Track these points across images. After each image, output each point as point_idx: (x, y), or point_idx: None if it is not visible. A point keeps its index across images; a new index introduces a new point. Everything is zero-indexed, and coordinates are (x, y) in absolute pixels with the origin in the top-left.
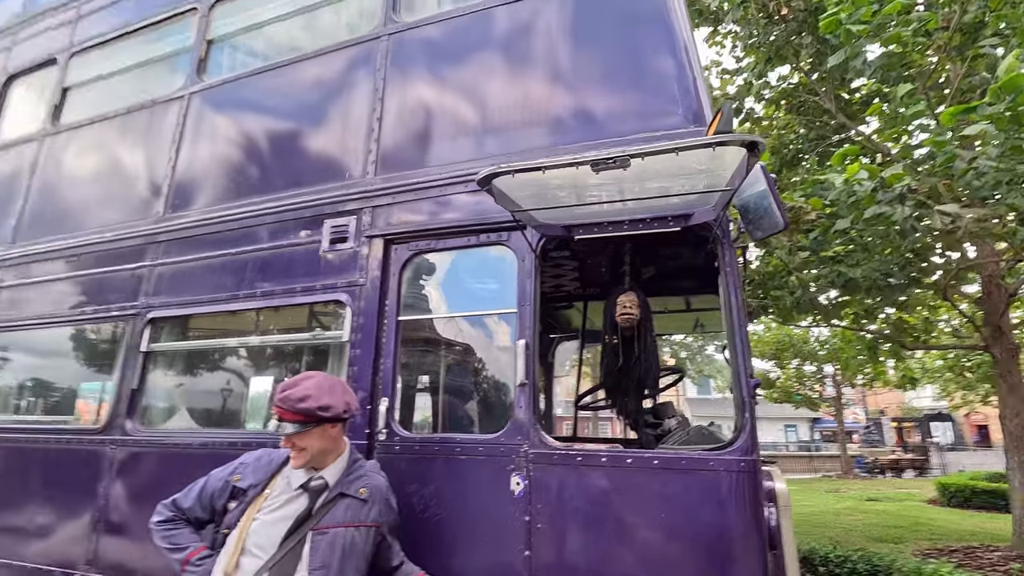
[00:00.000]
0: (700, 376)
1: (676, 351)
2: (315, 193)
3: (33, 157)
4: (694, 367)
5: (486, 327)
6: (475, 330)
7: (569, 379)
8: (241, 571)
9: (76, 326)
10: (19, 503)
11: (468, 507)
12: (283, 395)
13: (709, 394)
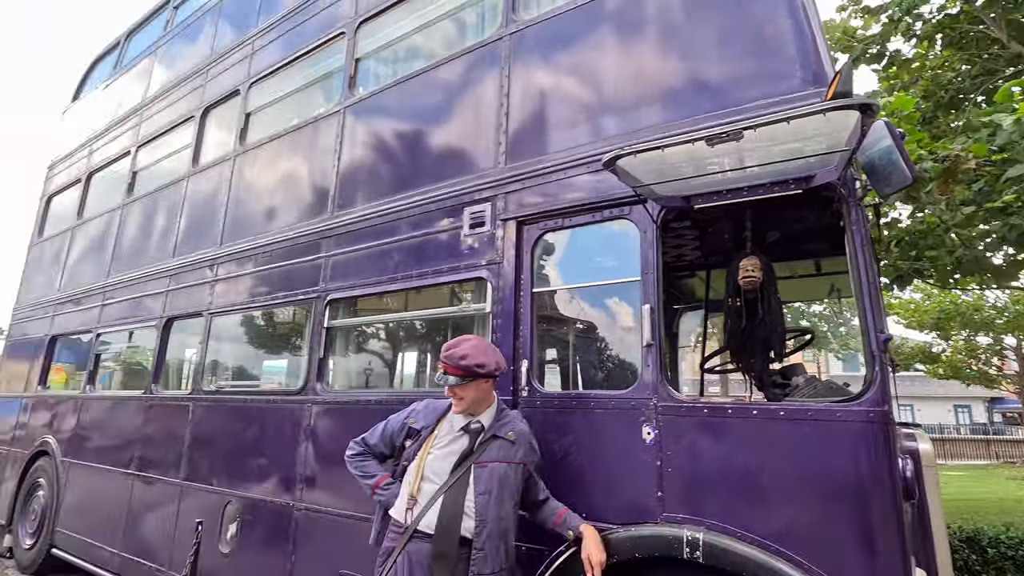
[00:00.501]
0: (844, 349)
1: (815, 323)
2: (455, 184)
3: (228, 174)
4: (838, 341)
5: (612, 295)
6: (601, 298)
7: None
8: (423, 493)
9: (272, 309)
10: (243, 450)
11: (603, 453)
12: (447, 353)
13: (857, 370)
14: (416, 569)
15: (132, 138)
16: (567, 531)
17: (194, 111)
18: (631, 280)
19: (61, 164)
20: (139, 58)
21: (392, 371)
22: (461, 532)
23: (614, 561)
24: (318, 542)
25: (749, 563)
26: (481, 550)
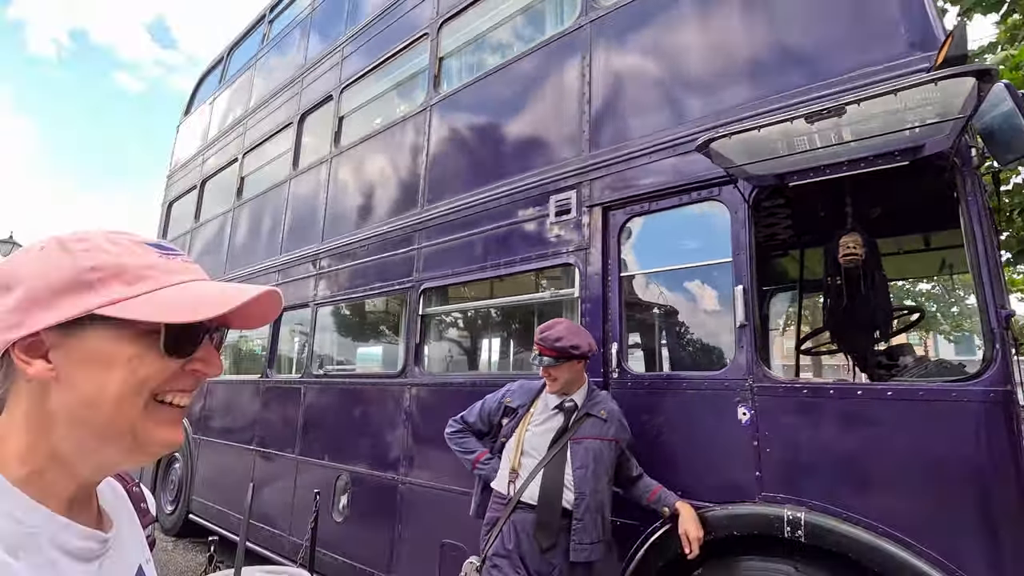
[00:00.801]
0: (956, 330)
1: (922, 302)
2: (539, 174)
3: (325, 175)
4: (949, 322)
5: (700, 277)
6: (689, 280)
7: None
8: (523, 467)
9: (371, 299)
10: (350, 428)
11: (696, 433)
12: (543, 336)
13: (972, 354)
14: (521, 536)
15: (239, 146)
16: (662, 508)
17: (292, 117)
18: (721, 261)
19: (178, 173)
20: (240, 72)
21: (482, 355)
22: (562, 504)
23: (711, 538)
24: (421, 514)
25: (855, 544)
26: (580, 520)
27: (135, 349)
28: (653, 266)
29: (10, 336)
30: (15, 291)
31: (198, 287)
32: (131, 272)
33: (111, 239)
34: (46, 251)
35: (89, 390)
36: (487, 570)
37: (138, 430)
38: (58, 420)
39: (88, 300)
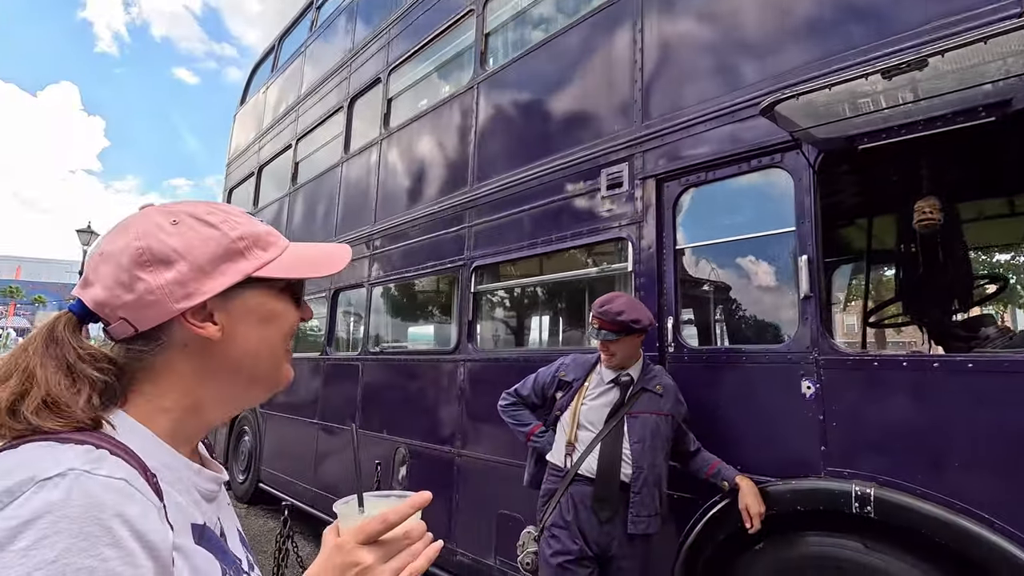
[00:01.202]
0: None
1: (1006, 273)
2: (590, 147)
3: (376, 157)
4: None
5: (760, 248)
6: (748, 252)
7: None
8: (580, 440)
9: (423, 277)
10: (406, 403)
11: (757, 408)
12: (603, 310)
13: None
14: (580, 508)
15: (292, 132)
16: (722, 482)
17: (342, 102)
18: (784, 231)
19: (236, 161)
20: (291, 59)
21: (533, 331)
22: (620, 477)
23: (772, 513)
24: (478, 485)
25: (930, 520)
26: (638, 494)
27: (282, 304)
28: (709, 238)
29: (182, 305)
30: (176, 265)
31: (302, 248)
32: (262, 239)
33: (227, 210)
34: (184, 225)
35: (253, 342)
36: (545, 540)
37: (280, 371)
38: (216, 373)
39: (243, 266)
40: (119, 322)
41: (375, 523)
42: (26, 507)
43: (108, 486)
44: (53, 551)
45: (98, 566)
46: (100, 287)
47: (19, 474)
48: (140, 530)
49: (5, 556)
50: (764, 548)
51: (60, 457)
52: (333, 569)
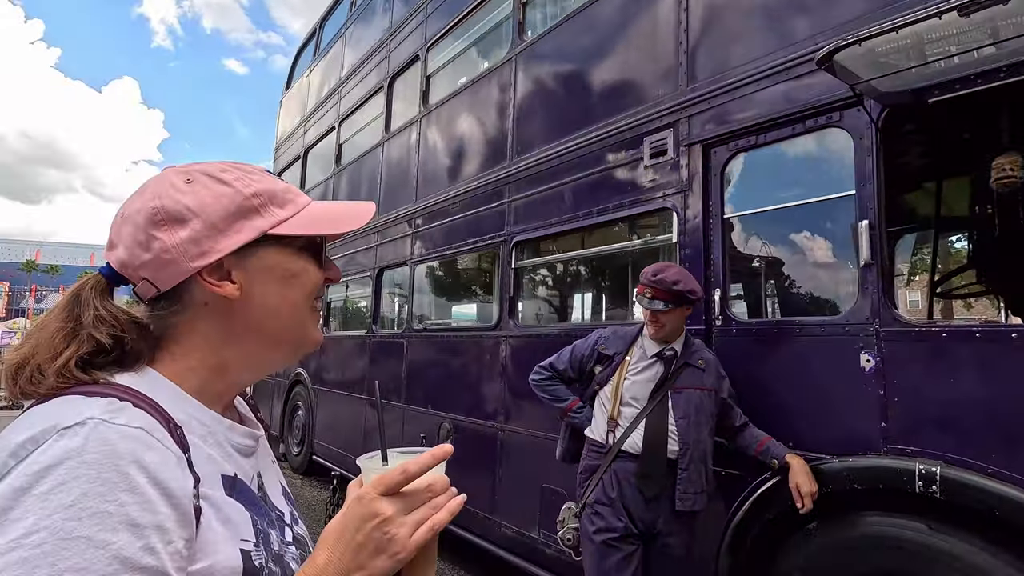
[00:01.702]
0: None
1: None
2: (632, 115)
3: (416, 135)
4: None
5: (817, 214)
6: (804, 219)
7: (909, 293)
8: (623, 416)
9: (464, 254)
10: (450, 379)
11: (810, 382)
12: (658, 278)
13: None
14: (624, 485)
15: (335, 114)
16: (771, 460)
17: (382, 82)
18: (842, 195)
19: (284, 145)
20: (332, 42)
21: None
22: (666, 454)
23: (827, 492)
24: (520, 459)
25: (1003, 501)
26: (685, 470)
27: (302, 263)
28: (760, 205)
29: (198, 264)
30: (190, 223)
31: (323, 206)
32: (279, 196)
33: (244, 168)
34: (198, 184)
35: (273, 301)
36: (588, 516)
37: (304, 331)
38: (238, 333)
39: (258, 223)
40: (142, 282)
41: (395, 474)
42: (47, 454)
43: (125, 434)
44: (71, 496)
45: (115, 511)
46: (122, 248)
47: (42, 423)
48: (158, 477)
49: (27, 500)
50: (818, 527)
51: (82, 408)
52: (353, 519)
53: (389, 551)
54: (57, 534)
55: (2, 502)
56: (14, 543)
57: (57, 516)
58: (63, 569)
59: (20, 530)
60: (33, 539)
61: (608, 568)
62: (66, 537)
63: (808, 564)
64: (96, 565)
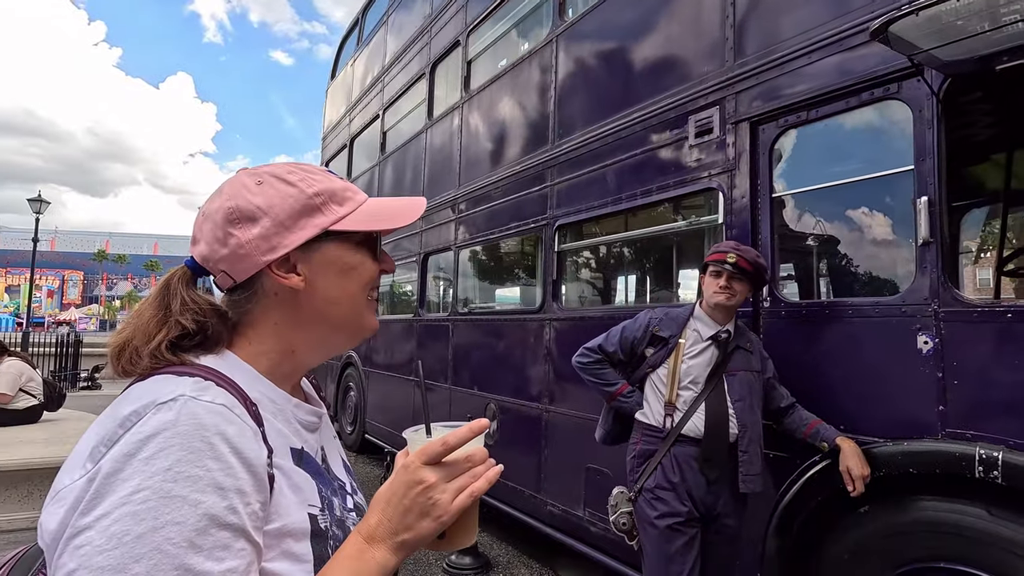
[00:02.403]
0: None
1: None
2: (676, 94)
3: (458, 121)
4: None
5: (872, 191)
6: (857, 196)
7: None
8: (681, 400)
9: (508, 238)
10: (495, 361)
11: (863, 364)
12: (743, 248)
13: None
14: (685, 469)
15: (379, 103)
16: (820, 442)
17: (424, 68)
18: (899, 171)
19: (331, 134)
20: (375, 30)
21: (619, 288)
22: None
23: (880, 475)
24: (566, 440)
25: None
26: (746, 452)
27: (359, 256)
28: (811, 183)
29: (268, 258)
30: (260, 221)
31: (378, 202)
32: (338, 194)
33: (307, 168)
34: (267, 185)
35: (334, 292)
36: (647, 501)
37: (362, 319)
38: (303, 320)
39: (320, 220)
40: (220, 274)
41: (436, 445)
42: (147, 424)
43: (210, 409)
44: (167, 461)
45: (203, 475)
46: (203, 243)
47: (143, 399)
48: (237, 447)
49: (133, 463)
50: (870, 511)
51: (174, 386)
52: (400, 486)
53: (433, 514)
54: (158, 493)
55: (114, 464)
56: (125, 499)
57: (157, 478)
58: (164, 522)
59: (129, 488)
60: (139, 496)
61: (673, 552)
62: (165, 495)
63: (859, 548)
64: (189, 520)
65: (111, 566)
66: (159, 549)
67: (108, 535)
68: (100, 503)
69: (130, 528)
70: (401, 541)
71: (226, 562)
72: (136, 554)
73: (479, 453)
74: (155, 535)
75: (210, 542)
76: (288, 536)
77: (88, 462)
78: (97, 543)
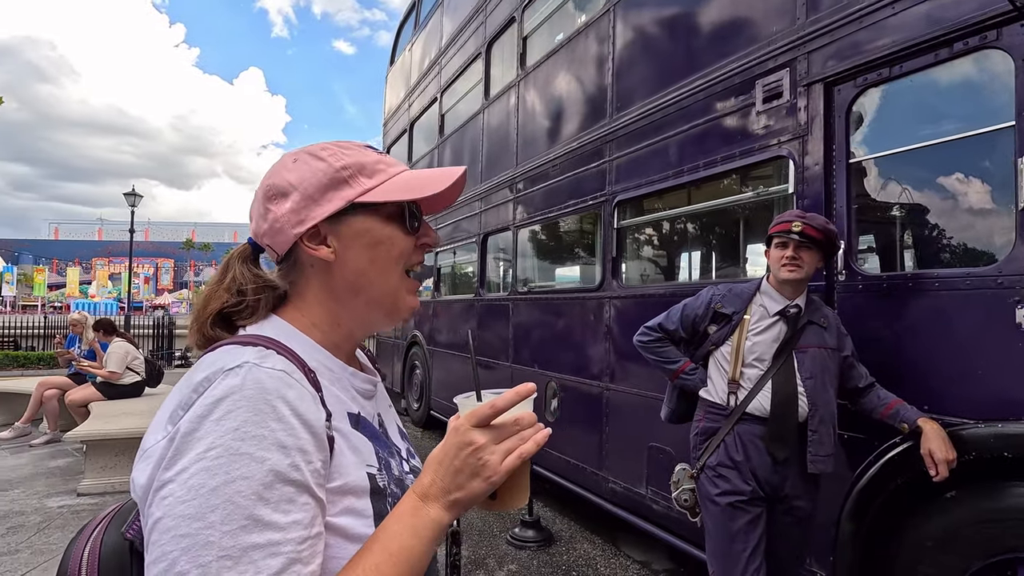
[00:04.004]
0: None
1: None
2: (741, 58)
3: (514, 100)
4: None
5: (961, 153)
6: (947, 157)
7: None
8: (745, 377)
9: (566, 216)
10: (555, 339)
11: (951, 341)
12: (808, 216)
13: None
14: (750, 448)
15: (436, 86)
16: (900, 423)
17: (480, 48)
18: (997, 128)
19: (391, 120)
20: (431, 14)
21: (681, 265)
22: (797, 416)
23: (968, 459)
24: (627, 418)
25: None
26: (816, 432)
27: (388, 230)
28: (892, 146)
29: (298, 231)
30: (291, 196)
31: (414, 173)
32: (368, 167)
33: (342, 144)
34: (300, 162)
35: (361, 264)
36: (709, 479)
37: (396, 296)
38: (339, 292)
39: (346, 192)
40: (268, 248)
41: (485, 408)
42: (217, 389)
43: (271, 375)
44: (235, 422)
45: (268, 435)
46: (253, 221)
47: (213, 367)
48: (297, 409)
49: (206, 424)
50: (957, 497)
51: (239, 354)
52: (451, 447)
53: (483, 475)
54: (228, 450)
55: (190, 425)
56: (200, 455)
57: (227, 437)
58: (235, 476)
59: (203, 446)
60: (211, 453)
61: (736, 530)
62: (235, 453)
63: (945, 535)
64: (257, 475)
65: (191, 515)
66: (231, 500)
67: (187, 487)
68: (179, 459)
69: (205, 481)
70: (453, 500)
71: (292, 515)
72: (211, 504)
73: (527, 417)
74: (227, 488)
75: (276, 496)
76: (349, 493)
77: (168, 424)
78: (178, 494)
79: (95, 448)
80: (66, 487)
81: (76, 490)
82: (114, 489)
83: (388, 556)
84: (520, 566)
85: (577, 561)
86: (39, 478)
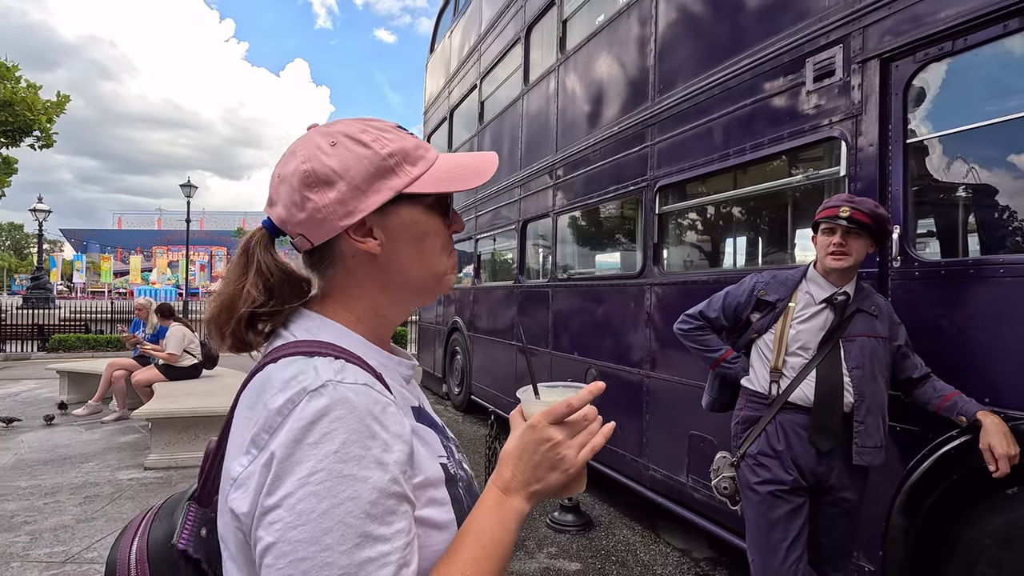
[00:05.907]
0: None
1: None
2: (791, 35)
3: (554, 85)
4: None
5: (1020, 132)
6: (1010, 136)
7: None
8: (788, 366)
9: (606, 202)
10: (595, 326)
11: (1016, 330)
12: (856, 200)
13: None
14: (792, 438)
15: (476, 73)
16: (958, 416)
17: (519, 32)
18: None
19: (432, 108)
20: (470, 0)
21: (726, 251)
22: (842, 407)
23: None
24: (668, 406)
25: None
26: (862, 423)
27: (432, 221)
28: (954, 125)
29: (345, 223)
30: (337, 185)
31: (450, 159)
32: (411, 154)
33: (379, 127)
34: (340, 146)
35: (409, 255)
36: (749, 467)
37: (437, 279)
38: (382, 281)
39: (394, 183)
40: (298, 237)
41: (561, 407)
42: (306, 411)
43: (357, 391)
44: (334, 444)
45: (366, 454)
46: (281, 206)
47: (292, 388)
48: (387, 423)
49: (303, 448)
50: (1020, 494)
51: (318, 370)
52: (530, 443)
53: (561, 468)
54: (332, 473)
55: (286, 450)
56: (303, 480)
57: (328, 460)
58: (343, 499)
59: (305, 471)
60: (315, 478)
61: (776, 519)
62: (339, 475)
63: (1007, 533)
64: (363, 495)
65: (306, 539)
66: (343, 522)
67: (296, 512)
68: (281, 485)
69: (315, 506)
70: (534, 491)
71: (395, 524)
72: (324, 528)
73: (593, 412)
74: (337, 510)
75: (381, 510)
76: (430, 487)
77: (252, 447)
78: (288, 520)
79: (160, 425)
80: (134, 461)
81: (143, 464)
82: (177, 464)
83: (482, 550)
84: (560, 549)
85: (616, 547)
86: (110, 452)
